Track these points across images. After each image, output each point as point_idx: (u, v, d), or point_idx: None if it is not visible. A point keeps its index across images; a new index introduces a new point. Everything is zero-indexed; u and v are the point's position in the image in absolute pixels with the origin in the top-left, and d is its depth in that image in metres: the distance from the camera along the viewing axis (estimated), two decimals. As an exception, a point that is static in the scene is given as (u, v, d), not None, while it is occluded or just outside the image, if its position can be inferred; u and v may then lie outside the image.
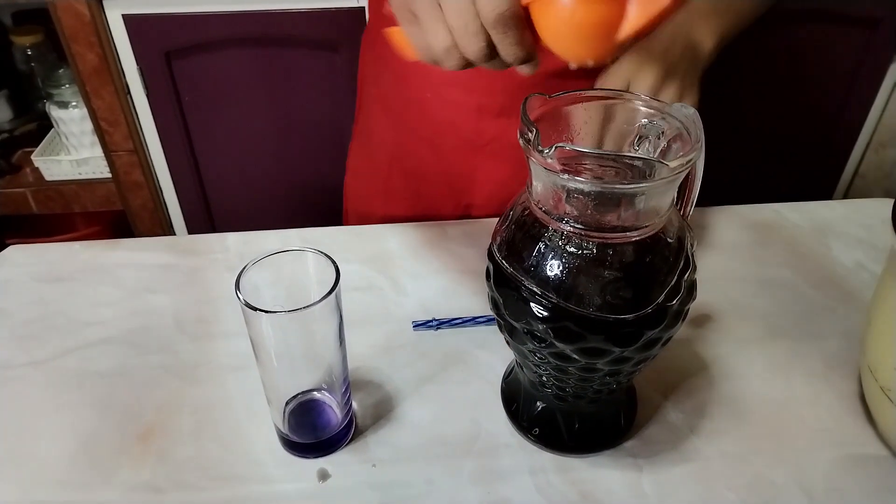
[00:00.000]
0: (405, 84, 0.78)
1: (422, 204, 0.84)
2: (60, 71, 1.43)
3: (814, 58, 1.47)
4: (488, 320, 0.63)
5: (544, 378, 0.49)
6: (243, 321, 0.45)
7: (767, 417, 0.55)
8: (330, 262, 0.46)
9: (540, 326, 0.43)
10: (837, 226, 0.77)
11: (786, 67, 1.47)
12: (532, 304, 0.42)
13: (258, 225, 0.86)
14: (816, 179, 1.67)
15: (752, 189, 1.64)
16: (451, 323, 0.63)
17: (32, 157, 1.47)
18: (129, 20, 1.26)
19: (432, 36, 0.43)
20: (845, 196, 1.70)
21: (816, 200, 0.82)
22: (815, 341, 0.62)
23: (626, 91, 0.45)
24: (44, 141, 1.51)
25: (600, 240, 0.41)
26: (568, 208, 0.40)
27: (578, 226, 0.40)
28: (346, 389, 0.51)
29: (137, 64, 1.31)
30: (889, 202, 0.80)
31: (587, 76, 0.64)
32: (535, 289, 0.42)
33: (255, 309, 0.43)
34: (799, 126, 1.57)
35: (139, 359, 0.60)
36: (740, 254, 0.73)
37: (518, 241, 0.43)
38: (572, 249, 0.41)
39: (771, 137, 1.58)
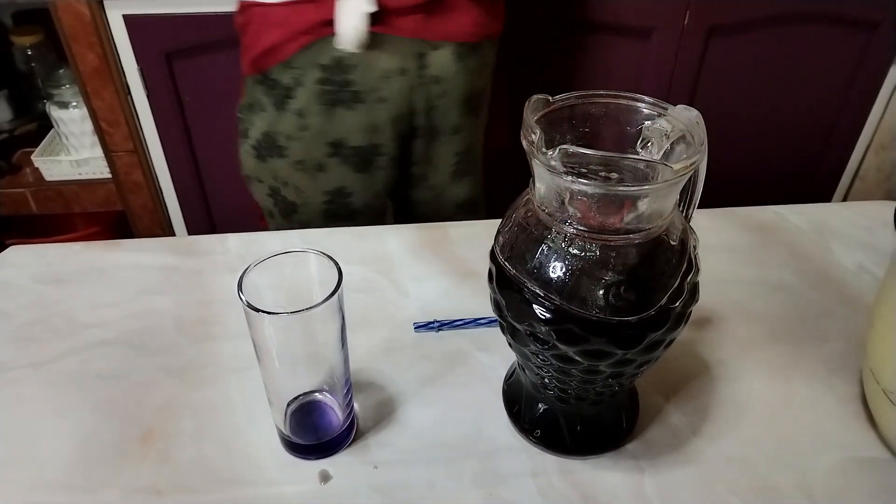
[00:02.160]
0: None
1: None
2: (61, 71, 1.43)
3: (814, 59, 1.47)
4: (490, 322, 0.63)
5: (546, 380, 0.49)
6: (244, 322, 0.45)
7: (769, 420, 0.55)
8: (332, 263, 0.46)
9: (542, 328, 0.42)
10: (839, 228, 0.77)
11: (786, 69, 1.47)
12: (535, 306, 0.42)
13: (258, 226, 0.85)
14: (816, 181, 1.68)
15: (750, 190, 1.64)
16: (452, 325, 0.63)
17: (32, 157, 1.47)
18: (129, 20, 1.26)
19: None
20: (845, 198, 1.70)
21: (816, 203, 0.82)
22: (817, 344, 0.62)
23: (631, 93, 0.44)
24: (44, 141, 1.51)
25: (603, 242, 0.40)
26: (571, 210, 0.40)
27: (581, 228, 0.40)
28: (348, 391, 0.51)
29: (138, 64, 1.31)
30: (890, 205, 0.80)
31: None
32: (537, 291, 0.42)
33: (258, 310, 0.42)
34: (799, 128, 1.57)
35: (139, 360, 0.60)
36: (741, 256, 0.73)
37: (521, 242, 0.43)
38: (575, 251, 0.41)
39: (771, 139, 1.58)
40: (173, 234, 1.55)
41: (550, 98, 0.43)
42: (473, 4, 0.83)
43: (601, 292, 0.41)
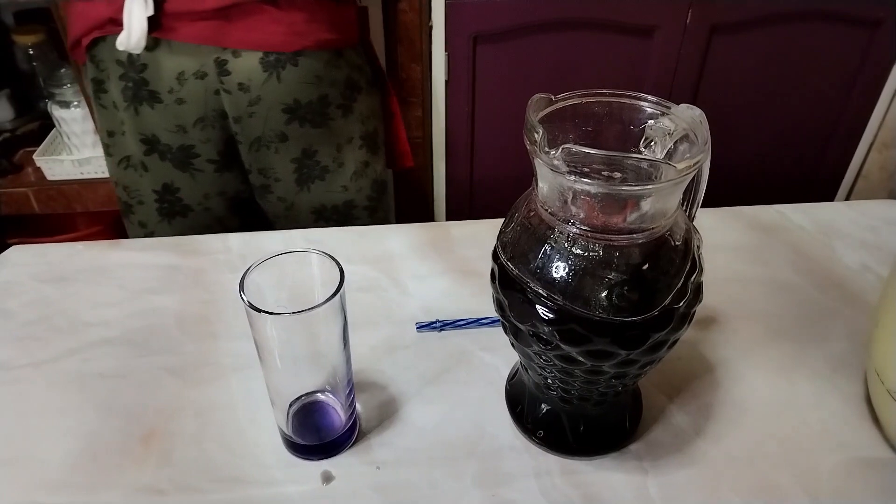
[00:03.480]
0: None
1: None
2: (62, 70, 1.43)
3: (816, 58, 1.46)
4: (492, 322, 0.63)
5: (549, 380, 0.48)
6: (246, 322, 0.45)
7: (772, 420, 0.55)
8: (334, 263, 0.46)
9: (545, 328, 0.42)
10: (842, 227, 0.77)
11: (788, 68, 1.47)
12: (538, 306, 0.42)
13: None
14: (819, 180, 1.67)
15: (753, 189, 1.64)
16: (454, 324, 0.63)
17: (34, 156, 1.47)
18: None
19: None
20: (848, 197, 1.70)
21: (819, 202, 0.82)
22: (820, 343, 0.62)
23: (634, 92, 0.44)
24: (45, 140, 1.51)
25: (606, 242, 0.40)
26: (574, 210, 0.40)
27: (585, 227, 0.40)
28: (350, 391, 0.51)
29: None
30: (894, 204, 0.80)
31: None
32: (540, 291, 0.42)
33: (260, 311, 0.42)
34: (801, 126, 1.57)
35: (141, 360, 0.60)
36: (744, 255, 0.73)
37: (524, 242, 0.43)
38: (578, 251, 0.41)
39: (773, 137, 1.58)
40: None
41: (553, 97, 0.43)
42: (284, 13, 0.80)
43: (604, 292, 0.40)
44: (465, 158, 1.52)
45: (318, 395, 0.52)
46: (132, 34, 0.77)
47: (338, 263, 0.46)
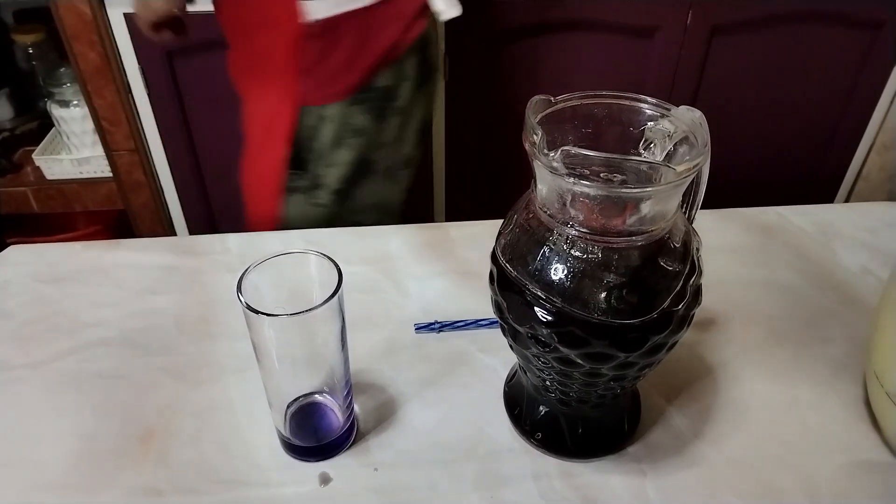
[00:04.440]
0: None
1: None
2: (62, 70, 1.43)
3: (817, 59, 1.46)
4: (491, 323, 0.62)
5: (548, 382, 0.48)
6: (244, 322, 0.45)
7: (772, 422, 0.55)
8: (332, 264, 0.46)
9: (544, 331, 0.42)
10: (842, 229, 0.76)
11: (788, 69, 1.47)
12: (536, 309, 0.42)
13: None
14: (819, 182, 1.67)
15: (753, 191, 1.63)
16: (453, 325, 0.62)
17: (33, 155, 1.47)
18: (130, 19, 1.25)
19: None
20: (848, 199, 1.69)
21: (819, 203, 0.82)
22: (820, 346, 0.62)
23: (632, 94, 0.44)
24: (45, 140, 1.51)
25: (605, 244, 0.40)
26: (573, 212, 0.40)
27: (584, 230, 0.40)
28: (348, 392, 0.51)
29: (139, 63, 1.31)
30: (894, 205, 0.80)
31: None
32: (539, 293, 0.42)
33: (257, 312, 0.42)
34: (802, 128, 1.57)
35: (139, 360, 0.60)
36: (744, 257, 0.72)
37: (522, 244, 0.43)
38: (577, 253, 0.41)
39: (773, 139, 1.58)
40: (174, 234, 1.55)
41: (552, 98, 0.43)
42: None
43: (603, 295, 0.40)
44: (464, 159, 1.52)
45: (316, 396, 0.52)
46: None
47: (336, 264, 0.46)
